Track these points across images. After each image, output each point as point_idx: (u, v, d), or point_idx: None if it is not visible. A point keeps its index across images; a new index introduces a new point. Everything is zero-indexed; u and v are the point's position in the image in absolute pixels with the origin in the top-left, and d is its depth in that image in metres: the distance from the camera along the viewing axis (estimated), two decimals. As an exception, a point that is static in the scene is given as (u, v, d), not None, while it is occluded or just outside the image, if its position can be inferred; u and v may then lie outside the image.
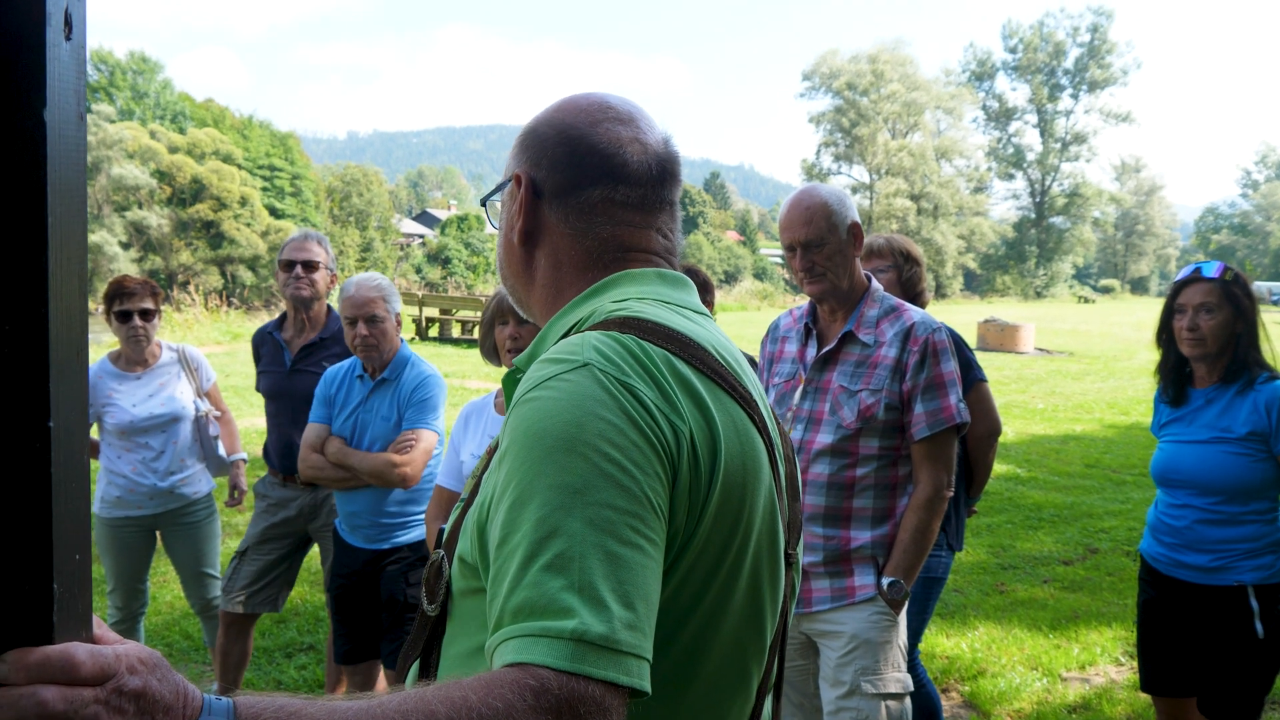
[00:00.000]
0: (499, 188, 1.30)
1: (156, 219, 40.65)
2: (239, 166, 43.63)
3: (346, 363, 3.60)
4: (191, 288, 25.60)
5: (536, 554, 0.89)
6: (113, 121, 44.93)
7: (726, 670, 1.09)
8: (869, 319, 2.69)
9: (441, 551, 1.13)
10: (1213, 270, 2.95)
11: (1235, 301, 2.91)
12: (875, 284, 2.77)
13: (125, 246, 42.77)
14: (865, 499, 2.62)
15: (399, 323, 3.50)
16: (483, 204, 1.37)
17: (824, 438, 2.63)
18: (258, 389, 4.11)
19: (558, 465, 0.93)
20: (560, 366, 1.01)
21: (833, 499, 2.62)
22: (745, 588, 1.08)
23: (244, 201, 41.98)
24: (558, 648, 0.85)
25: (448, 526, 1.16)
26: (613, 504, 0.92)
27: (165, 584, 5.47)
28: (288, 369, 3.93)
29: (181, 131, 45.03)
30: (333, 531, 3.67)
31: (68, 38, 0.81)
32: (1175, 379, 3.08)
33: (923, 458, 2.62)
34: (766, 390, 2.88)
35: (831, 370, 2.69)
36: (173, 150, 41.77)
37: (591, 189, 1.20)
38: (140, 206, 40.27)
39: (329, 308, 4.07)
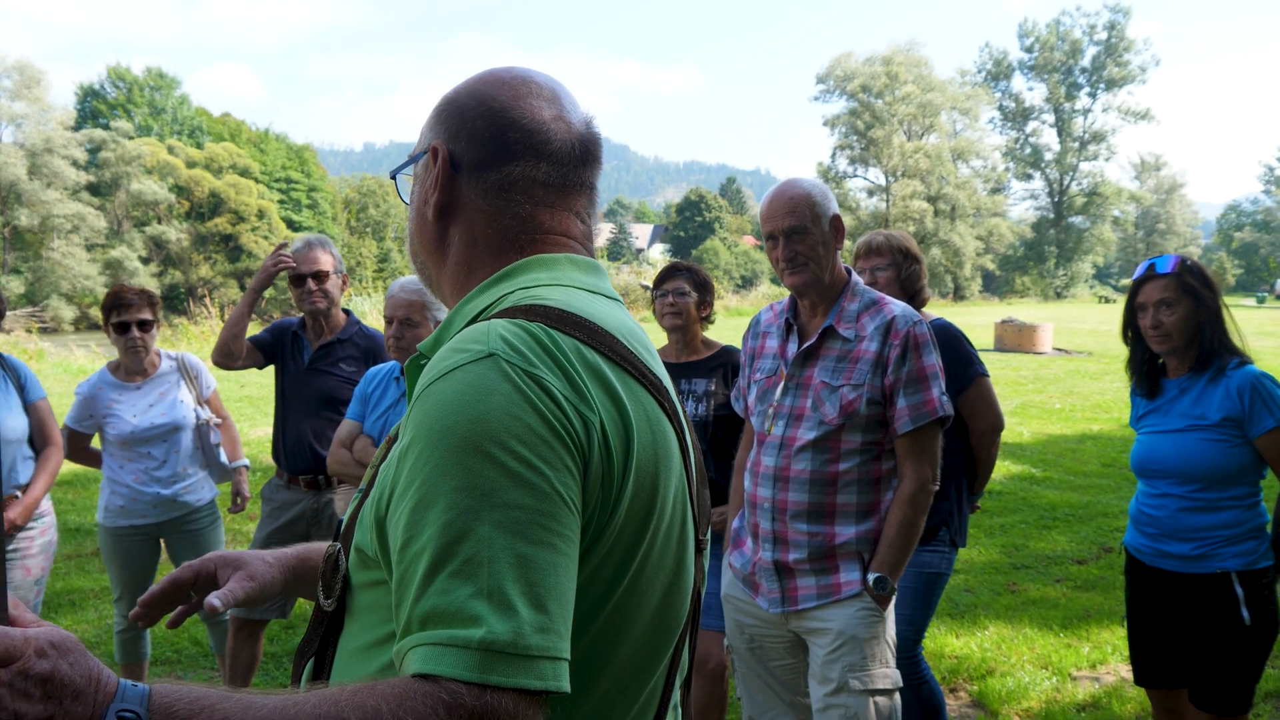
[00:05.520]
0: (412, 159, 1.25)
1: (175, 233, 40.98)
2: (256, 180, 43.95)
3: (390, 363, 3.60)
4: (208, 300, 25.79)
5: (444, 560, 0.87)
6: (131, 138, 45.39)
7: (638, 658, 1.08)
8: (849, 313, 2.67)
9: (338, 544, 1.09)
10: (1167, 265, 2.96)
11: (1193, 293, 2.91)
12: (855, 278, 2.75)
13: (145, 261, 43.13)
14: (849, 494, 2.59)
15: None
16: (393, 176, 1.32)
17: (806, 433, 2.61)
18: (276, 381, 4.12)
19: (463, 466, 0.90)
20: (464, 356, 0.97)
21: (816, 495, 2.59)
22: (658, 576, 1.07)
23: (261, 214, 42.27)
24: (466, 658, 0.84)
25: (344, 518, 1.13)
26: (521, 504, 0.90)
27: (174, 592, 5.50)
28: (305, 366, 3.97)
29: (199, 146, 45.40)
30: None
31: None
32: (1147, 372, 3.10)
33: (906, 452, 2.60)
34: (749, 386, 2.87)
35: (813, 366, 2.67)
36: (190, 165, 42.12)
37: (512, 165, 1.16)
38: (159, 221, 40.61)
39: (346, 311, 4.09)
